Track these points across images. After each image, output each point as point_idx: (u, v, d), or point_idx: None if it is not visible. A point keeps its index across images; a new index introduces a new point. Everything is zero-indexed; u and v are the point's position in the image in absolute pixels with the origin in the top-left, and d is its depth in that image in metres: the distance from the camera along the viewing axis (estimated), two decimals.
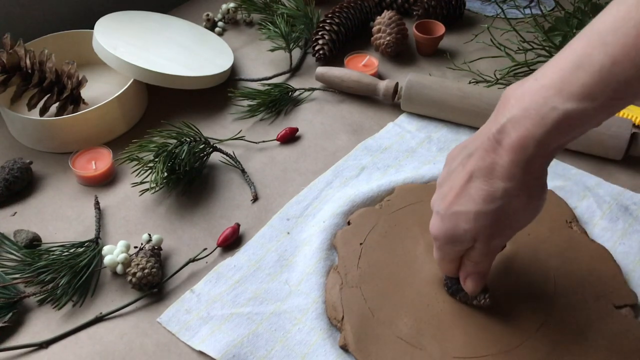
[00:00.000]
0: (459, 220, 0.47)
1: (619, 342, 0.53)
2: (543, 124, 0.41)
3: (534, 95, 0.41)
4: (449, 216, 0.48)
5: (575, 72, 0.40)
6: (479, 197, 0.45)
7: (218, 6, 1.05)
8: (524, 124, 0.41)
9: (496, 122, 0.44)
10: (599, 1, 0.83)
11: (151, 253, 0.61)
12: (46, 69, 0.78)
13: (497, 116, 0.44)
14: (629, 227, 0.64)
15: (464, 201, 0.46)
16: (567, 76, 0.40)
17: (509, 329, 0.54)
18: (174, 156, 0.70)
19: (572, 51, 0.41)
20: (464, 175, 0.46)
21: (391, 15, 0.92)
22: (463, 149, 0.48)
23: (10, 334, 0.57)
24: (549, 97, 0.41)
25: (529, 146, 0.42)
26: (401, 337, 0.54)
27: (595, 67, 0.39)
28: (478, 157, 0.45)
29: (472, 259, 0.50)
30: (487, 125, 0.45)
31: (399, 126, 0.80)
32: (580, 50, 0.40)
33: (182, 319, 0.57)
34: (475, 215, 0.46)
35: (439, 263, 0.54)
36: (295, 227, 0.66)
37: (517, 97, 0.43)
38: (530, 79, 0.43)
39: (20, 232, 0.65)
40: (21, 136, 0.79)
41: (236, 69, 0.93)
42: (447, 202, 0.48)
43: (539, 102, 0.41)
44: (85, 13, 0.97)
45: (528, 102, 0.42)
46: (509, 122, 0.42)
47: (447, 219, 0.48)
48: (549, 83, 0.41)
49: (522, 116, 0.42)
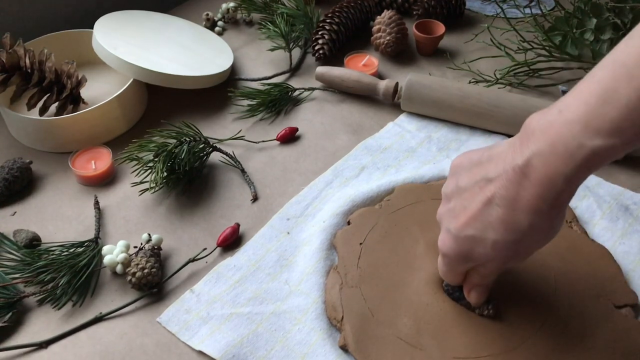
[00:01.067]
0: (474, 244, 0.46)
1: (619, 342, 0.53)
2: (572, 161, 0.40)
3: (560, 129, 0.41)
4: (463, 238, 0.47)
5: (601, 107, 0.39)
6: (499, 227, 0.44)
7: (218, 6, 1.05)
8: (552, 160, 0.41)
9: (521, 154, 0.42)
10: (599, 1, 0.83)
11: (151, 253, 0.61)
12: (46, 69, 0.78)
13: (522, 147, 0.43)
14: (629, 226, 0.64)
15: (481, 226, 0.45)
16: (594, 111, 0.39)
17: (509, 329, 0.54)
18: (174, 156, 0.70)
19: (597, 83, 0.40)
20: (482, 198, 0.45)
21: (391, 15, 0.92)
22: (478, 167, 0.46)
23: (10, 334, 0.57)
24: (576, 133, 0.40)
25: (558, 182, 0.41)
26: (401, 337, 0.54)
27: (622, 101, 0.38)
28: (501, 186, 0.44)
29: (481, 274, 0.50)
30: (509, 152, 0.44)
31: (399, 126, 0.80)
32: (605, 83, 0.39)
33: (182, 318, 0.57)
34: (493, 243, 0.45)
35: (444, 275, 0.53)
36: (295, 227, 0.66)
37: (542, 130, 0.42)
38: (554, 109, 0.42)
39: (20, 232, 0.65)
40: (21, 136, 0.79)
41: (236, 68, 0.93)
42: (460, 223, 0.47)
43: (566, 138, 0.40)
44: (85, 13, 0.97)
45: (554, 137, 0.41)
46: (535, 157, 0.42)
47: (461, 241, 0.47)
48: (575, 118, 0.40)
49: (550, 152, 0.41)
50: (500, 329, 0.54)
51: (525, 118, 0.72)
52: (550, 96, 0.84)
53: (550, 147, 0.41)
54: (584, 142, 0.39)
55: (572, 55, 0.84)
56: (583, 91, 0.41)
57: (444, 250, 0.50)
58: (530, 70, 0.87)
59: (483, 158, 0.47)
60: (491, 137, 0.77)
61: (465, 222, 0.46)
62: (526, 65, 0.86)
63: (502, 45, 0.87)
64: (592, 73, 0.41)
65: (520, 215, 0.43)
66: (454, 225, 0.47)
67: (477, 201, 0.45)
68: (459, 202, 0.47)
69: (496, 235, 0.45)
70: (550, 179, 0.41)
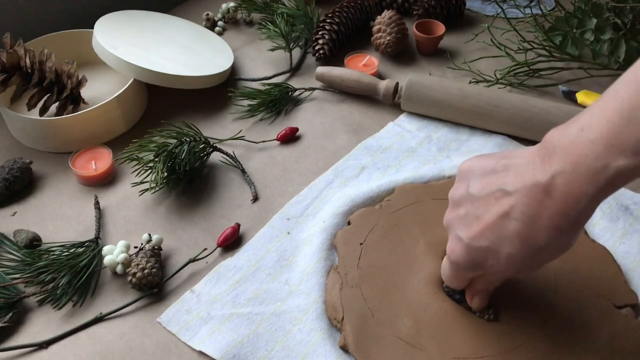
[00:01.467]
0: (487, 255, 0.46)
1: (619, 342, 0.53)
2: (596, 181, 0.39)
3: (583, 149, 0.40)
4: (476, 248, 0.46)
5: (626, 126, 0.38)
6: (516, 241, 0.44)
7: (218, 6, 1.05)
8: (576, 180, 0.40)
9: (543, 171, 0.42)
10: (599, 1, 0.83)
11: (151, 253, 0.61)
12: (46, 69, 0.78)
13: (543, 164, 0.42)
14: (629, 226, 0.64)
15: (496, 239, 0.45)
16: (617, 130, 0.39)
17: (509, 329, 0.54)
18: (174, 156, 0.70)
19: (619, 101, 0.39)
20: (498, 210, 0.44)
21: (391, 15, 0.92)
22: (492, 175, 0.46)
23: (10, 334, 0.57)
24: (600, 153, 0.39)
25: (581, 201, 0.40)
26: (401, 337, 0.54)
27: None
28: (520, 201, 0.43)
29: (486, 281, 0.50)
30: (529, 167, 0.43)
31: (399, 126, 0.80)
32: (628, 101, 0.39)
33: (182, 319, 0.57)
34: (508, 256, 0.45)
35: (448, 281, 0.53)
36: (295, 227, 0.66)
37: (563, 148, 0.41)
38: (574, 127, 0.41)
39: (20, 232, 0.65)
40: (21, 136, 0.79)
41: (236, 68, 0.93)
42: (474, 232, 0.46)
43: (589, 158, 0.39)
44: (85, 13, 0.97)
45: (577, 157, 0.40)
46: (558, 176, 0.41)
47: (473, 251, 0.46)
48: (599, 137, 0.39)
49: (573, 171, 0.40)
50: (500, 329, 0.54)
51: (526, 118, 0.74)
52: (550, 96, 0.84)
53: (573, 167, 0.40)
54: (608, 162, 0.39)
55: (572, 55, 0.84)
56: (605, 109, 0.40)
57: (453, 258, 0.49)
58: (530, 70, 0.87)
59: (498, 167, 0.45)
60: (491, 137, 0.77)
61: (479, 232, 0.45)
62: (526, 65, 0.86)
63: (502, 45, 0.87)
64: (615, 89, 0.40)
65: (539, 231, 0.43)
66: (467, 234, 0.46)
67: (493, 212, 0.44)
68: (471, 210, 0.46)
69: (511, 249, 0.44)
70: (574, 198, 0.41)
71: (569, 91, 0.84)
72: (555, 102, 0.77)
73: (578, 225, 0.43)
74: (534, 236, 0.43)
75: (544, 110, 0.74)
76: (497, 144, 0.76)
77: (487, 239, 0.45)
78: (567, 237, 0.43)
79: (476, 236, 0.46)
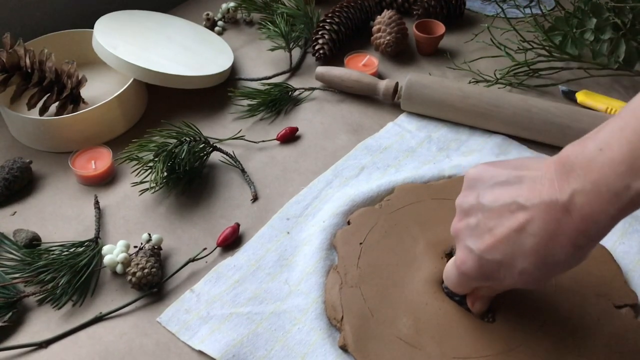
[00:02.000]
0: (499, 268, 0.45)
1: (619, 342, 0.53)
2: (616, 202, 0.39)
3: (603, 169, 0.39)
4: (488, 261, 0.45)
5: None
6: (532, 256, 0.43)
7: (218, 5, 1.05)
8: (597, 200, 0.40)
9: (561, 190, 0.41)
10: (599, 1, 0.83)
11: (151, 253, 0.61)
12: (46, 69, 0.78)
13: (561, 182, 0.41)
14: (629, 226, 0.64)
15: (510, 252, 0.44)
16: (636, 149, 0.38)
17: (509, 329, 0.54)
18: (174, 156, 0.70)
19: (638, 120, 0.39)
20: (512, 224, 0.43)
21: (391, 15, 0.92)
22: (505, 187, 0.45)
23: (10, 334, 0.57)
24: (621, 174, 0.38)
25: (602, 221, 0.40)
26: (400, 337, 0.54)
27: None
28: (537, 218, 0.42)
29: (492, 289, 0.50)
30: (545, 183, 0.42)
31: (398, 126, 0.80)
32: None
33: (181, 318, 0.57)
34: (521, 271, 0.44)
35: (453, 287, 0.52)
36: (295, 227, 0.66)
37: (582, 167, 0.40)
38: (591, 144, 0.40)
39: (20, 232, 0.65)
40: (21, 136, 0.79)
41: (236, 68, 0.93)
42: (485, 245, 0.45)
43: (611, 179, 0.39)
44: (85, 13, 0.97)
45: (598, 177, 0.39)
46: (578, 195, 0.40)
47: (485, 263, 0.46)
48: (619, 158, 0.39)
49: (593, 191, 0.40)
50: (500, 329, 0.54)
51: (526, 118, 0.75)
52: (550, 96, 0.84)
53: (593, 187, 0.40)
54: (630, 183, 0.38)
55: (572, 55, 0.84)
56: (624, 129, 0.39)
57: (463, 270, 0.48)
58: (530, 70, 0.87)
59: (511, 178, 0.45)
60: (491, 137, 0.77)
61: (492, 245, 0.45)
62: (526, 65, 0.86)
63: (502, 45, 0.87)
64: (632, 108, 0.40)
65: (557, 248, 0.42)
66: (478, 246, 0.46)
67: (507, 226, 0.44)
68: (482, 221, 0.45)
69: (526, 264, 0.44)
70: (594, 217, 0.40)
71: (569, 91, 0.84)
72: (555, 102, 0.77)
73: (595, 242, 0.42)
74: (551, 253, 0.43)
75: (544, 110, 0.74)
76: (497, 144, 0.76)
77: (501, 253, 0.44)
78: (582, 253, 0.43)
79: (489, 249, 0.45)
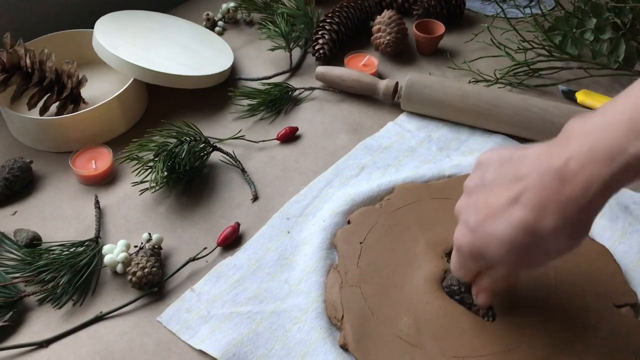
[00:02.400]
0: (490, 241, 0.45)
1: (619, 341, 0.53)
2: (611, 165, 0.38)
3: (601, 132, 0.39)
4: (480, 234, 0.45)
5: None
6: (520, 226, 0.42)
7: (218, 6, 1.05)
8: (591, 163, 0.39)
9: (558, 155, 0.41)
10: (599, 1, 0.83)
11: (151, 252, 0.61)
12: (46, 69, 0.78)
13: (559, 148, 0.41)
14: (629, 226, 0.64)
15: (501, 225, 0.43)
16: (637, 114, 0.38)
17: (509, 328, 0.54)
18: (174, 155, 0.70)
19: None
20: (507, 195, 0.43)
21: (391, 15, 0.92)
22: (507, 164, 0.45)
23: (11, 333, 0.57)
24: (618, 136, 0.38)
25: (593, 186, 0.39)
26: (401, 336, 0.54)
27: None
28: (531, 186, 0.42)
29: (492, 277, 0.50)
30: (546, 153, 0.42)
31: (399, 125, 0.80)
32: None
33: (182, 318, 0.57)
34: (509, 244, 0.43)
35: (455, 270, 0.52)
36: (295, 226, 0.66)
37: (582, 132, 0.40)
38: (597, 115, 0.40)
39: (20, 232, 0.65)
40: (21, 135, 0.79)
41: (236, 68, 0.93)
42: (480, 217, 0.45)
43: (607, 141, 0.38)
44: (85, 13, 0.97)
45: (595, 140, 0.39)
46: (573, 159, 0.40)
47: (477, 236, 0.45)
48: (618, 121, 0.38)
49: (588, 154, 0.39)
50: (500, 328, 0.54)
51: (525, 118, 0.75)
52: (550, 96, 0.84)
53: (589, 150, 0.39)
54: (625, 145, 0.38)
55: (572, 55, 0.84)
56: (628, 96, 0.39)
57: (458, 243, 0.48)
58: (530, 70, 0.87)
59: (515, 156, 0.45)
60: (491, 137, 0.77)
61: (484, 218, 0.44)
62: (526, 65, 0.86)
63: (502, 45, 0.88)
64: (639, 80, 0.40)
65: (545, 216, 0.41)
66: (474, 219, 0.45)
67: (502, 198, 0.43)
68: (481, 197, 0.46)
69: (513, 235, 0.43)
70: (586, 182, 0.39)
71: (569, 91, 0.84)
72: (555, 102, 0.77)
73: (585, 214, 0.41)
74: (538, 222, 0.41)
75: (544, 110, 0.74)
76: (497, 144, 0.76)
77: (493, 225, 0.44)
78: (571, 227, 0.41)
79: (482, 221, 0.45)
